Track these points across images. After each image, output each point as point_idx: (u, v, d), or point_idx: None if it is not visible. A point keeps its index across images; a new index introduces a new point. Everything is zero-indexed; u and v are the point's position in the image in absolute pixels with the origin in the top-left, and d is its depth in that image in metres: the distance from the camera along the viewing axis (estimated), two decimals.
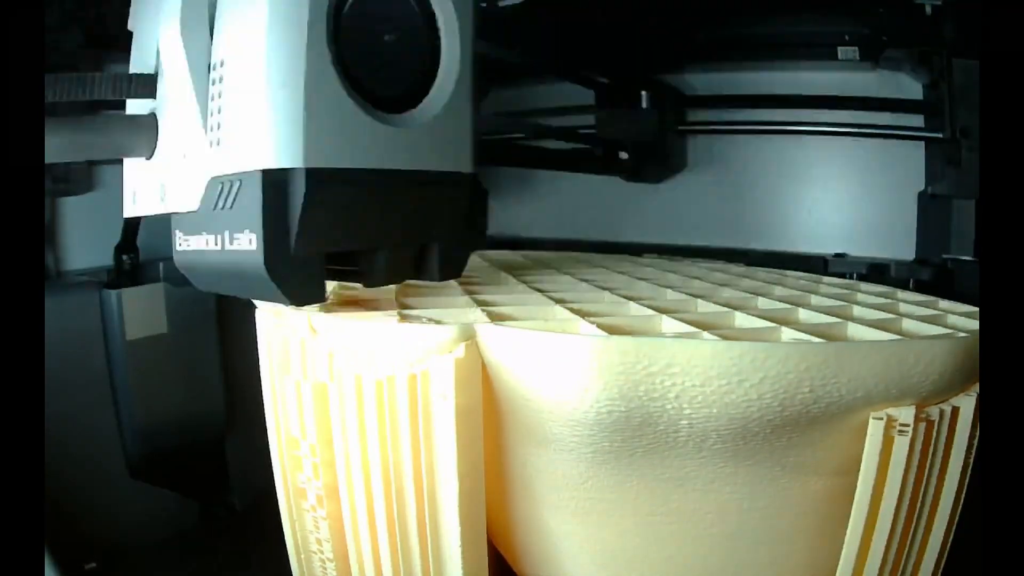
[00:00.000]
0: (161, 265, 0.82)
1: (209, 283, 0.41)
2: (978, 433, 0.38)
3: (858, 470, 0.36)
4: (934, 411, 0.37)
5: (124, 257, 0.78)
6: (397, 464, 0.38)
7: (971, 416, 0.38)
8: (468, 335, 0.36)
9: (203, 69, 0.37)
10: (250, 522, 0.84)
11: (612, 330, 0.37)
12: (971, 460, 0.39)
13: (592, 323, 0.39)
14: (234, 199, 0.35)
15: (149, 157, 0.41)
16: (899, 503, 0.37)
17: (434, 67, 0.40)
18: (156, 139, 0.41)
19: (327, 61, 0.35)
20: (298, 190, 0.35)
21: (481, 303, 0.44)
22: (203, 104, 0.37)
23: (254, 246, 0.35)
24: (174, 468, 0.80)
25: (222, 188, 0.36)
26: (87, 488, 0.73)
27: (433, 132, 0.40)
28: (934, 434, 0.37)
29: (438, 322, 0.39)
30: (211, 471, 0.86)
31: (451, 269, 0.43)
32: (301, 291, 0.37)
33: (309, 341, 0.42)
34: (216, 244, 0.37)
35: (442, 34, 0.40)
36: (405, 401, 0.37)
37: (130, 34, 0.43)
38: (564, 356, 0.34)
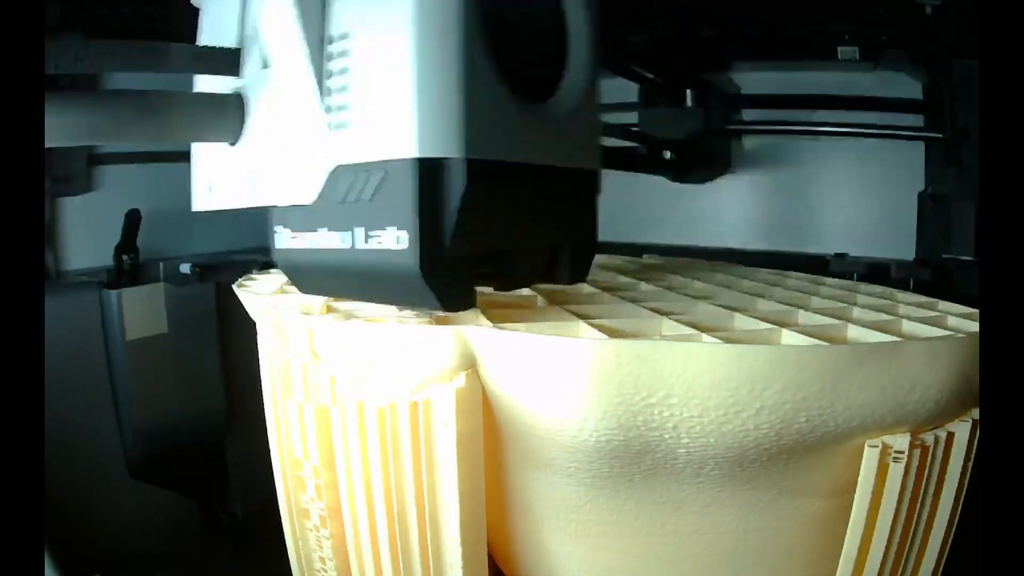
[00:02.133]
0: (161, 265, 0.82)
1: (323, 286, 0.37)
2: (974, 453, 0.38)
3: (854, 491, 0.37)
4: (929, 437, 0.37)
5: (124, 257, 0.78)
6: (399, 487, 0.38)
7: (966, 441, 0.38)
8: (469, 364, 0.36)
9: (319, 43, 0.33)
10: (252, 528, 0.84)
11: (612, 333, 0.37)
12: (965, 484, 0.39)
13: (591, 325, 0.39)
14: (374, 191, 0.31)
15: (233, 143, 0.37)
16: (893, 527, 0.37)
17: (564, 53, 0.36)
18: (242, 123, 0.37)
19: (480, 41, 0.31)
20: (456, 183, 0.31)
21: (480, 303, 0.44)
22: (320, 82, 0.33)
23: (403, 244, 0.31)
24: (174, 468, 0.81)
25: (355, 179, 0.32)
26: (87, 489, 0.73)
27: (572, 125, 0.36)
28: (929, 460, 0.37)
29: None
30: (211, 471, 0.86)
31: (580, 271, 0.40)
32: (452, 295, 0.33)
33: (311, 367, 0.42)
34: (342, 242, 0.33)
35: (569, 17, 0.36)
36: (407, 428, 0.37)
37: (188, 9, 0.40)
38: (563, 359, 0.34)
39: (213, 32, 0.39)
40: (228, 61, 0.37)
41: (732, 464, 0.36)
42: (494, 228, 0.34)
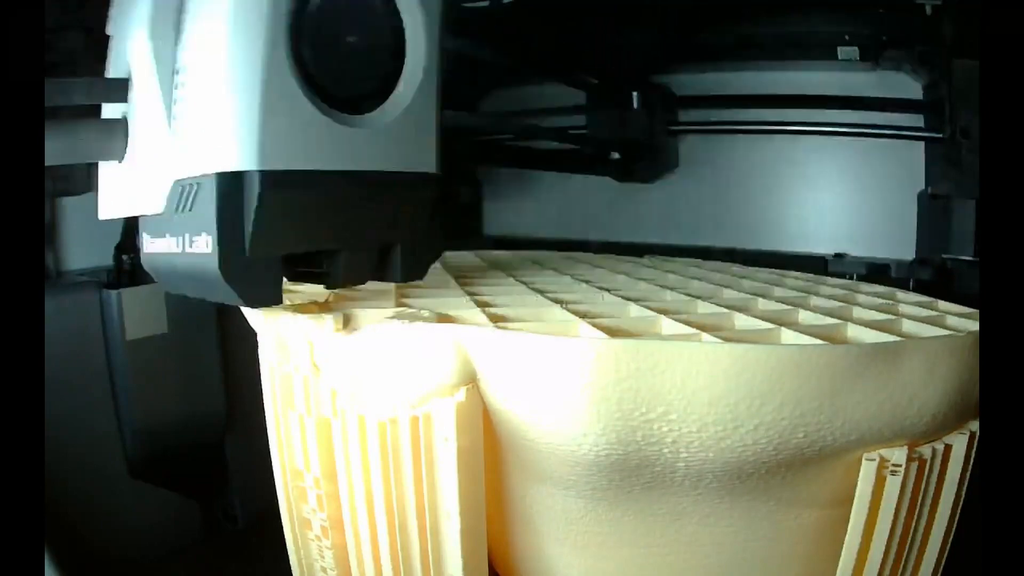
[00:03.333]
0: None
1: (173, 285, 0.41)
2: (971, 465, 0.39)
3: (852, 501, 0.37)
4: (926, 450, 0.37)
5: (124, 257, 0.77)
6: (400, 499, 0.38)
7: (963, 454, 0.38)
8: (469, 378, 0.36)
9: (169, 74, 0.37)
10: (252, 529, 0.84)
11: (611, 332, 0.37)
12: (963, 496, 0.39)
13: (592, 324, 0.39)
14: (192, 202, 0.36)
15: (120, 160, 0.41)
16: (890, 538, 0.37)
17: (398, 68, 0.39)
18: (126, 143, 0.41)
19: (285, 64, 0.34)
20: (252, 193, 0.35)
21: (481, 304, 0.44)
22: (167, 108, 0.37)
23: (209, 249, 0.35)
24: (174, 468, 0.80)
25: (183, 191, 0.36)
26: (87, 489, 0.73)
27: (395, 133, 0.39)
28: (926, 472, 0.37)
29: (433, 316, 0.39)
30: (211, 472, 0.86)
31: (414, 270, 0.43)
32: (256, 293, 0.37)
33: (312, 379, 0.42)
34: (177, 247, 0.37)
35: (407, 35, 0.39)
36: (407, 442, 0.37)
37: (108, 39, 0.43)
38: (562, 360, 0.34)
39: (117, 62, 0.42)
40: (117, 90, 0.41)
41: (731, 477, 0.36)
42: (300, 232, 0.38)
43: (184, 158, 0.36)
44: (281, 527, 0.48)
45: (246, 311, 0.49)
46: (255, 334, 0.48)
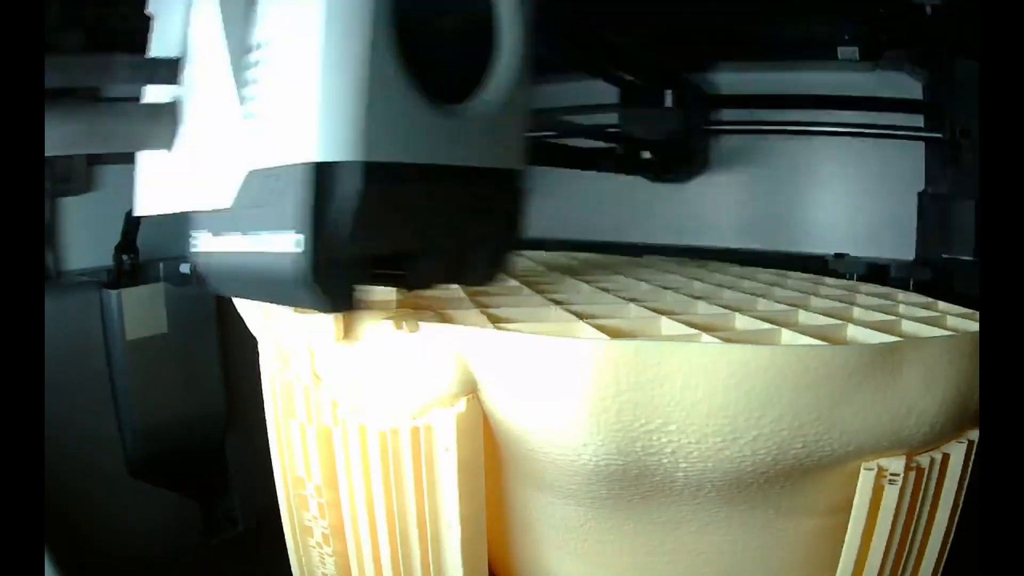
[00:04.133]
0: (161, 265, 0.82)
1: (233, 287, 0.38)
2: (969, 474, 0.39)
3: (850, 509, 0.37)
4: (924, 459, 0.37)
5: (124, 257, 0.77)
6: (401, 508, 0.39)
7: (961, 462, 0.38)
8: (469, 388, 0.36)
9: (240, 51, 0.33)
10: (252, 530, 0.84)
11: (612, 333, 0.37)
12: (960, 504, 0.39)
13: (591, 325, 0.39)
14: (275, 195, 0.32)
15: (170, 149, 0.37)
16: (888, 547, 0.37)
17: (491, 57, 0.35)
18: (177, 130, 0.37)
19: (387, 45, 0.30)
20: (351, 186, 0.30)
21: (481, 305, 0.44)
22: (240, 89, 0.33)
23: (300, 248, 0.31)
24: (174, 469, 0.80)
25: (261, 183, 0.32)
26: (87, 489, 0.73)
27: (490, 125, 0.35)
28: (924, 481, 0.37)
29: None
30: (211, 472, 0.85)
31: (496, 270, 0.40)
32: (338, 296, 0.33)
33: (312, 389, 0.42)
34: (249, 245, 0.33)
35: (502, 21, 0.35)
36: (408, 452, 0.37)
37: (146, 20, 0.40)
38: (563, 362, 0.34)
39: (161, 42, 0.39)
40: (166, 70, 0.38)
41: (730, 486, 0.36)
42: (395, 229, 0.34)
43: (264, 146, 0.32)
44: (281, 528, 0.48)
45: (246, 317, 0.49)
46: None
